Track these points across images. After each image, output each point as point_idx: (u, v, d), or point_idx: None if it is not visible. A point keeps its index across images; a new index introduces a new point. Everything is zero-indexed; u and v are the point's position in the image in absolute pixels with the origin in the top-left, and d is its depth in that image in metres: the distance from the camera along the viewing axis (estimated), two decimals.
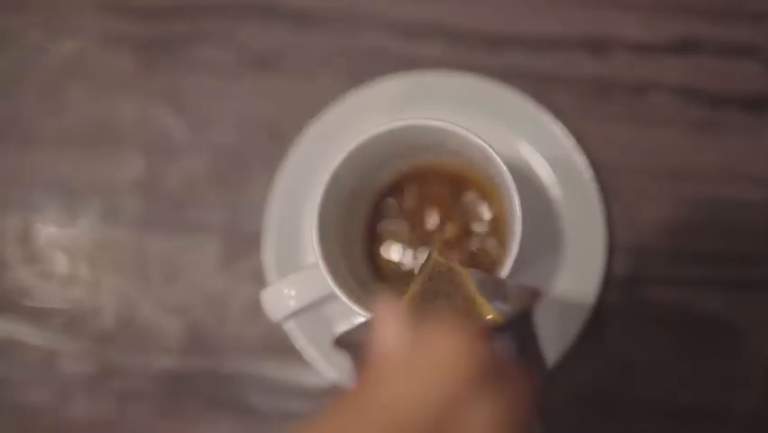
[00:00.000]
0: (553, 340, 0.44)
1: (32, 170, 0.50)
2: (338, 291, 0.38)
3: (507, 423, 0.25)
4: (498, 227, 0.44)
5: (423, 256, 0.44)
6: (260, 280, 0.47)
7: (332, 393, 0.47)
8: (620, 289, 0.46)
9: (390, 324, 0.27)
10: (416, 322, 0.27)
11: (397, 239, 0.45)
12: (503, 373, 0.26)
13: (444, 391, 0.25)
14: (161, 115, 0.50)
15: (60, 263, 0.50)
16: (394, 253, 0.45)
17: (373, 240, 0.45)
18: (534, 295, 0.31)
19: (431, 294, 0.36)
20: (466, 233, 0.44)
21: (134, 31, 0.50)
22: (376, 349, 0.27)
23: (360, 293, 0.39)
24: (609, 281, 0.46)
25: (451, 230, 0.44)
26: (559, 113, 0.46)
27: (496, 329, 0.28)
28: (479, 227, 0.44)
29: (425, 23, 0.49)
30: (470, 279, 0.37)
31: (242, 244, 0.48)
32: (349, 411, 0.25)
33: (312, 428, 0.25)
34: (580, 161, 0.46)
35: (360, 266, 0.43)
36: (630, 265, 0.46)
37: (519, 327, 0.30)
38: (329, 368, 0.45)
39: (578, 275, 0.45)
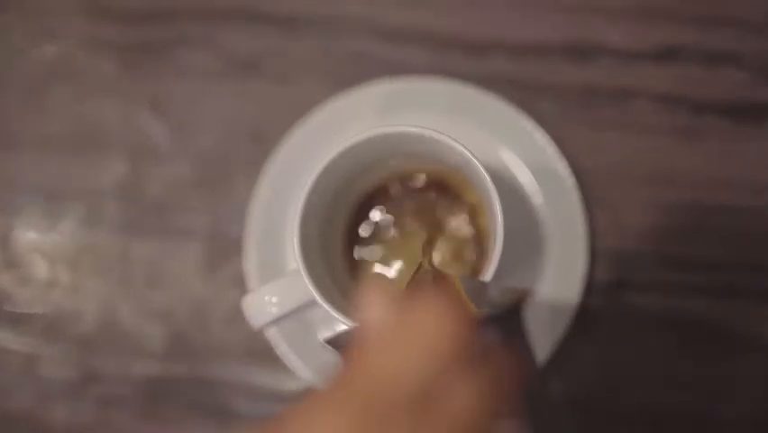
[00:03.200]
0: (536, 345, 0.44)
1: (13, 174, 0.50)
2: (320, 299, 0.38)
3: (489, 402, 0.25)
4: (481, 234, 0.44)
5: (401, 260, 0.44)
6: (242, 286, 0.47)
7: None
8: (604, 294, 0.46)
9: (377, 305, 0.28)
10: (402, 304, 0.27)
11: (378, 244, 0.45)
12: (488, 356, 0.27)
13: (430, 364, 0.25)
14: (144, 120, 0.50)
15: (41, 268, 0.49)
16: (373, 257, 0.45)
17: (353, 245, 0.45)
18: (523, 294, 0.31)
19: None
20: (448, 239, 0.44)
21: (118, 35, 0.50)
22: (363, 329, 0.27)
23: (340, 299, 0.39)
24: (593, 287, 0.46)
25: (433, 236, 0.44)
26: (542, 120, 0.46)
27: (483, 321, 0.28)
28: (461, 234, 0.44)
29: (410, 28, 0.49)
30: (460, 286, 0.37)
31: (225, 249, 0.48)
32: (336, 385, 0.25)
33: (300, 405, 0.25)
34: (562, 168, 0.46)
35: (340, 271, 0.43)
36: (614, 271, 0.46)
37: (507, 321, 0.30)
38: (310, 373, 0.45)
39: (560, 281, 0.45)
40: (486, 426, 0.25)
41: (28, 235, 0.50)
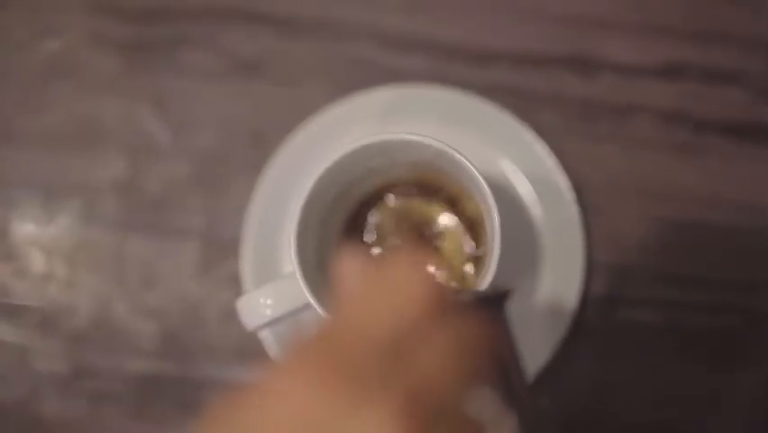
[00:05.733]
0: (530, 357, 0.44)
1: (12, 167, 0.50)
2: (314, 303, 0.38)
3: (461, 361, 0.25)
4: (478, 242, 0.44)
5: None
6: (237, 287, 0.47)
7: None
8: (600, 307, 0.46)
9: (354, 266, 0.27)
10: (376, 265, 0.27)
11: (375, 249, 0.45)
12: (462, 320, 0.26)
13: (401, 317, 0.24)
14: (144, 117, 0.50)
15: (37, 261, 0.49)
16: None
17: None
18: (506, 290, 0.31)
19: None
20: (444, 246, 0.44)
21: (120, 32, 0.50)
22: (340, 288, 0.27)
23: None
24: (589, 300, 0.46)
25: (430, 244, 0.44)
26: (543, 131, 0.46)
27: (466, 304, 0.28)
28: (457, 241, 0.44)
29: (412, 35, 0.49)
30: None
31: (221, 250, 0.48)
32: (304, 345, 0.25)
33: (268, 370, 0.24)
34: (561, 181, 0.46)
35: None
36: (610, 284, 0.46)
37: (488, 307, 0.30)
38: None
39: (556, 293, 0.45)
40: (457, 384, 0.24)
41: (25, 229, 0.50)
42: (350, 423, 0.22)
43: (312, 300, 0.38)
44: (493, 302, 0.30)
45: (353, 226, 0.45)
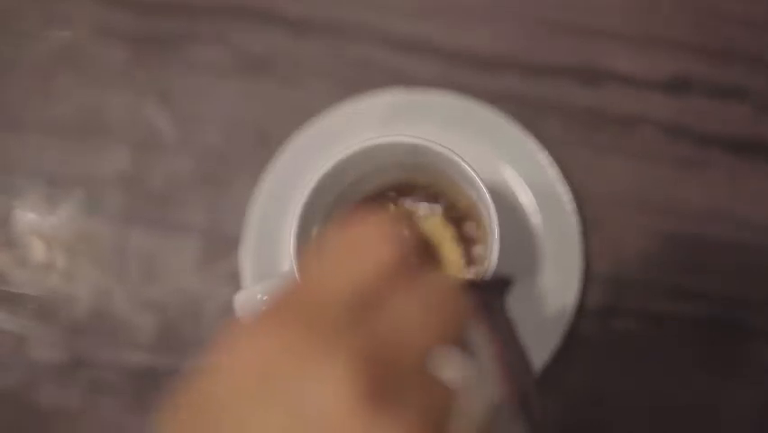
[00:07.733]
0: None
1: (17, 156, 0.50)
2: None
3: (431, 318, 0.24)
4: (477, 250, 0.44)
5: None
6: (236, 283, 0.47)
7: None
8: (596, 318, 0.46)
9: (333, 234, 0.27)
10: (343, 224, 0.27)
11: None
12: (432, 278, 0.25)
13: (368, 272, 0.24)
14: (150, 111, 0.50)
15: (38, 251, 0.50)
16: None
17: None
18: (506, 278, 0.31)
19: None
20: (443, 250, 0.44)
21: (130, 25, 0.50)
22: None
23: None
24: (585, 310, 0.46)
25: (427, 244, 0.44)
26: (546, 140, 0.46)
27: (464, 286, 0.28)
28: (456, 246, 0.44)
29: (420, 39, 0.49)
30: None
31: (222, 246, 0.48)
32: (267, 309, 0.24)
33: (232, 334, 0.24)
34: (563, 191, 0.46)
35: None
36: (607, 296, 0.46)
37: (487, 291, 0.30)
38: None
39: (553, 301, 0.45)
40: (423, 341, 0.24)
41: (28, 217, 0.50)
42: (309, 374, 0.22)
43: None
44: (493, 287, 0.30)
45: None
